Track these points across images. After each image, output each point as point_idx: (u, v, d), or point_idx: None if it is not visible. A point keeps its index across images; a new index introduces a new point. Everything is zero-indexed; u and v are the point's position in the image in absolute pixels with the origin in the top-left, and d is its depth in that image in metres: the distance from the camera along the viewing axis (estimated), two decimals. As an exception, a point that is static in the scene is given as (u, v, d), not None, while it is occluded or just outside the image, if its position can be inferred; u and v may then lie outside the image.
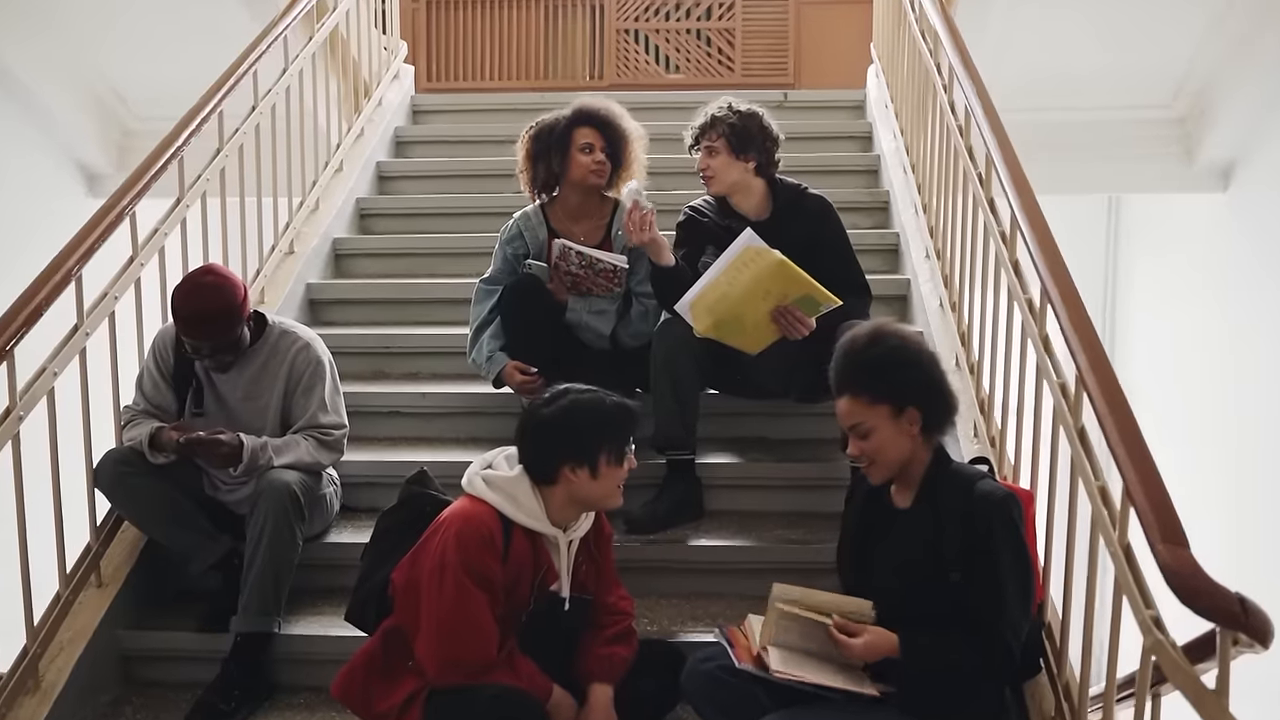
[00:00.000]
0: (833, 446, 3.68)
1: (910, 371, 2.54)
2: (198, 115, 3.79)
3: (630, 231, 3.40)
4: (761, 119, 3.59)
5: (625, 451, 2.62)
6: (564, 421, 2.58)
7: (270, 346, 3.29)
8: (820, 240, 3.56)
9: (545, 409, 2.61)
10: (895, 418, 2.53)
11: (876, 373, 2.53)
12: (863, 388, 2.54)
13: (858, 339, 2.60)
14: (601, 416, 2.60)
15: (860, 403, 2.54)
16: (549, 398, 2.64)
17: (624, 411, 2.63)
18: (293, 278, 4.48)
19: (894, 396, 2.53)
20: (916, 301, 4.33)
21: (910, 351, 2.57)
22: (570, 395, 2.62)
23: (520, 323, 3.60)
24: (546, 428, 2.59)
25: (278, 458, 3.17)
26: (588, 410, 2.60)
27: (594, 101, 3.72)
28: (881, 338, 2.58)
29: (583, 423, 2.58)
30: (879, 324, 2.64)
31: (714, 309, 3.26)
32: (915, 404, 2.53)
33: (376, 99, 5.64)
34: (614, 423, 2.61)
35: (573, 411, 2.59)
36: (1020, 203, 2.99)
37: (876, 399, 2.53)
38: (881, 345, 2.56)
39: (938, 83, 4.22)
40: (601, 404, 2.61)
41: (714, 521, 3.53)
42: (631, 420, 2.65)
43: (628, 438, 2.64)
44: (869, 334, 2.59)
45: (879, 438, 2.54)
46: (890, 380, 2.53)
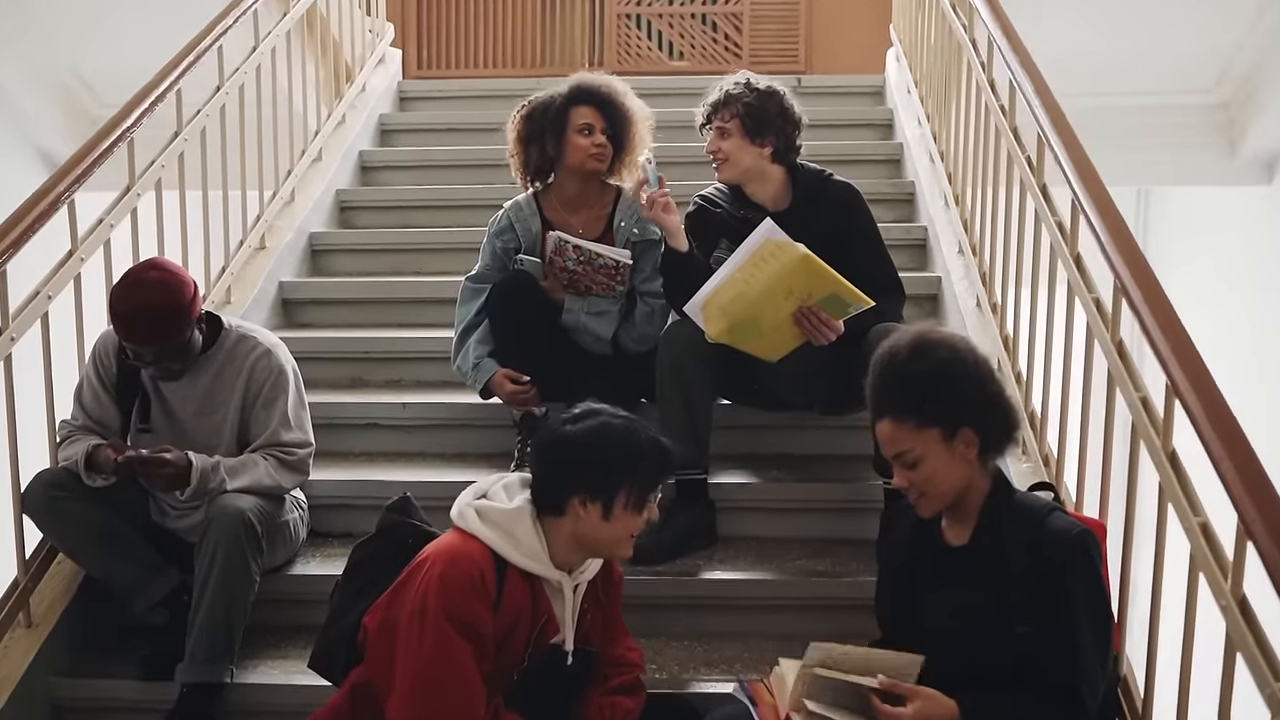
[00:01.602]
0: (862, 463, 3.29)
1: (963, 387, 2.16)
2: (151, 93, 3.41)
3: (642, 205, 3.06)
4: (782, 99, 3.20)
5: (649, 499, 2.24)
6: (588, 445, 2.21)
7: (226, 353, 2.91)
8: (847, 232, 3.17)
9: (570, 426, 2.25)
10: (947, 442, 2.15)
11: (924, 391, 2.15)
12: (908, 409, 2.15)
13: (898, 351, 2.21)
14: (632, 450, 2.22)
15: (906, 427, 2.16)
16: (577, 414, 2.27)
17: (658, 451, 2.26)
18: (263, 275, 4.11)
19: (946, 418, 2.15)
20: (949, 301, 3.95)
21: (963, 363, 2.18)
22: (601, 417, 2.25)
23: (511, 325, 3.22)
24: (567, 447, 2.23)
25: (232, 480, 2.78)
26: (618, 439, 2.22)
27: (593, 77, 3.33)
28: (927, 348, 2.19)
29: (609, 452, 2.21)
30: (922, 332, 2.24)
31: (728, 310, 2.87)
32: (971, 424, 2.15)
33: (360, 84, 5.28)
34: (644, 461, 2.23)
35: (601, 436, 2.22)
36: (1085, 188, 2.60)
37: (925, 422, 2.15)
38: (928, 358, 2.17)
39: (973, 59, 3.84)
40: (635, 435, 2.24)
41: (729, 550, 3.14)
42: (665, 463, 2.28)
43: (656, 483, 2.25)
44: (911, 344, 2.20)
45: (930, 466, 2.16)
46: (940, 399, 2.15)
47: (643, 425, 2.26)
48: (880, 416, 2.22)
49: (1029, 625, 2.09)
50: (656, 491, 2.26)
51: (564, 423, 2.24)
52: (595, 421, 2.23)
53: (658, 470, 2.25)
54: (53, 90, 5.73)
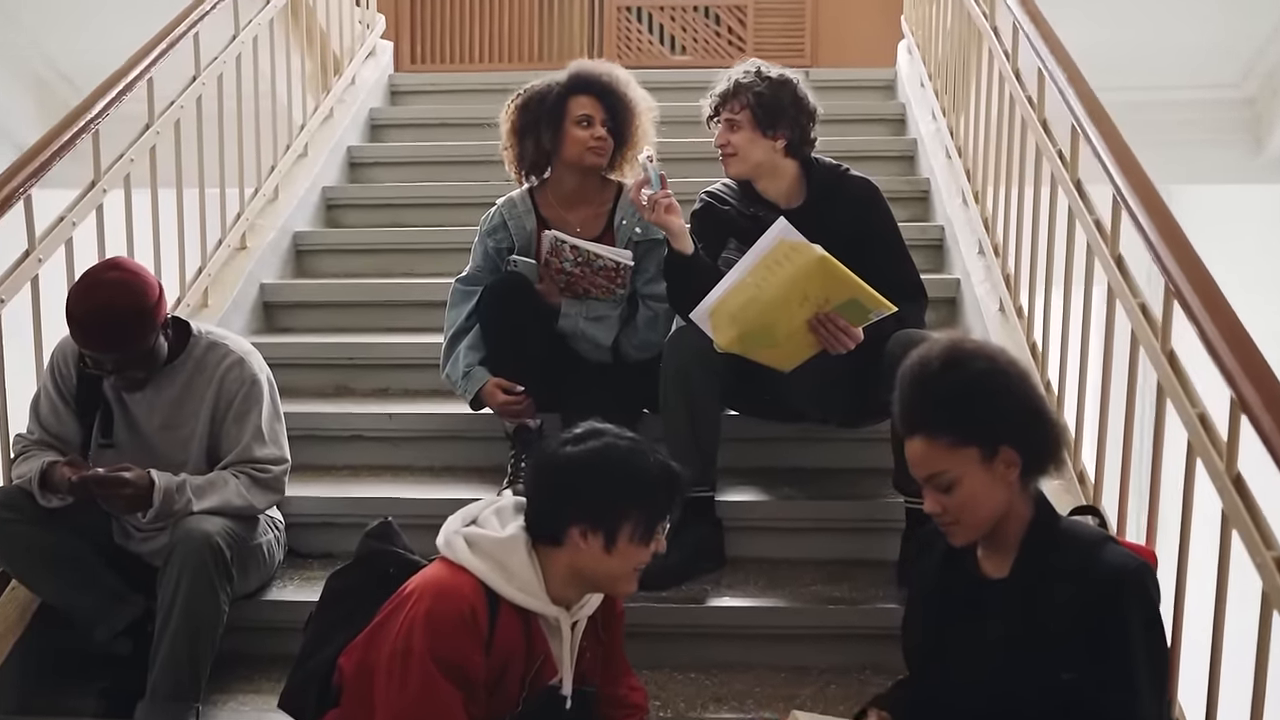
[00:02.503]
0: (880, 478, 3.08)
1: (1004, 401, 1.95)
2: (119, 82, 3.18)
3: (642, 208, 2.81)
4: (795, 88, 2.97)
5: (656, 530, 2.01)
6: (590, 469, 1.99)
7: (195, 362, 2.69)
8: (866, 232, 2.95)
9: (571, 447, 2.02)
10: (986, 462, 1.94)
11: (960, 406, 1.94)
12: (943, 426, 1.94)
13: (930, 361, 1.99)
14: (638, 476, 2.00)
15: (940, 446, 1.94)
16: (578, 434, 2.05)
17: (668, 477, 2.03)
18: (243, 277, 3.89)
19: (985, 435, 1.94)
20: (969, 304, 3.73)
21: (1003, 375, 1.97)
22: (606, 438, 2.03)
23: (503, 331, 3.00)
24: (566, 472, 2.01)
25: (199, 500, 2.57)
26: (623, 463, 2.00)
27: (593, 65, 3.11)
28: (962, 358, 1.97)
29: (614, 478, 1.99)
30: (955, 341, 2.03)
31: (739, 317, 2.65)
32: (1012, 443, 1.94)
33: (349, 77, 5.08)
34: (652, 488, 2.01)
35: (605, 459, 2.00)
36: (1128, 182, 2.39)
37: (961, 440, 1.93)
38: (964, 369, 1.96)
39: (995, 48, 3.62)
40: (643, 460, 2.01)
41: (738, 573, 2.92)
42: (675, 490, 2.05)
43: (665, 512, 2.03)
44: (945, 354, 1.98)
45: (966, 490, 1.95)
46: (979, 415, 1.94)
47: (651, 448, 2.04)
48: (911, 434, 2.00)
49: (1076, 670, 1.88)
50: (665, 522, 2.03)
51: (563, 444, 2.02)
52: (598, 443, 2.00)
53: (667, 498, 2.03)
54: (26, 81, 5.52)
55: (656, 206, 2.80)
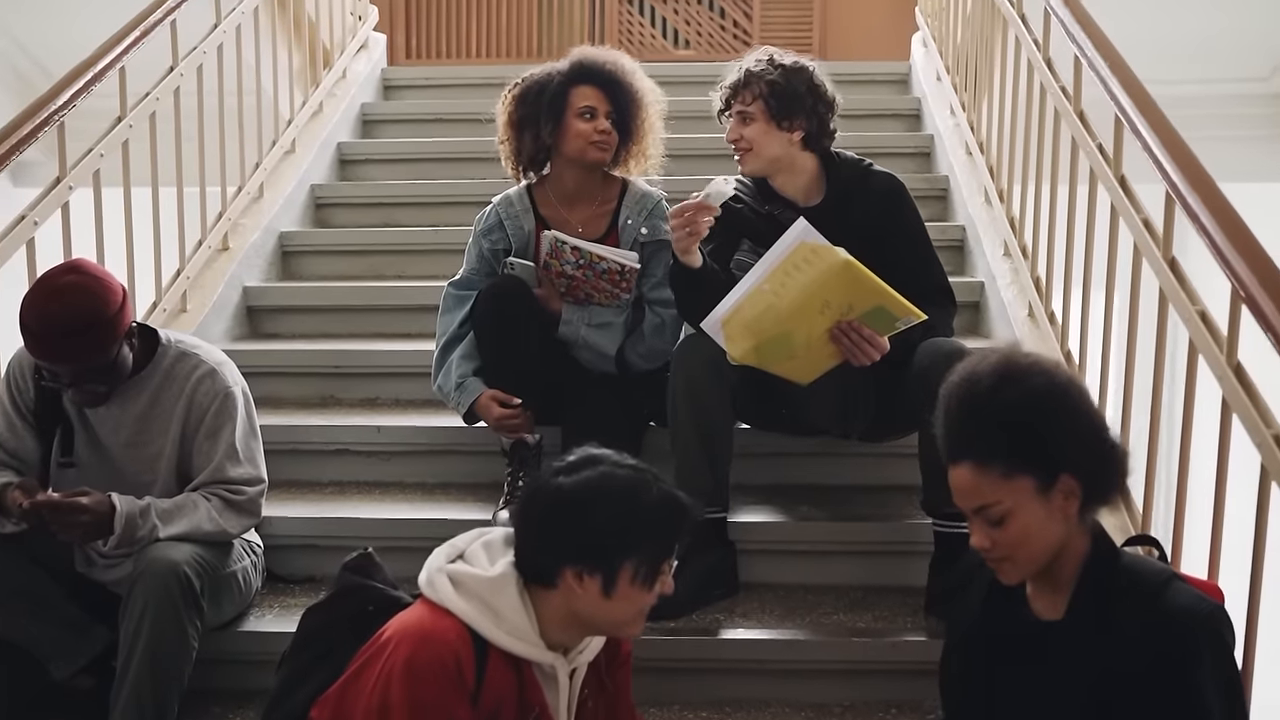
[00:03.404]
0: (902, 495, 2.91)
1: (1064, 424, 1.74)
2: (87, 71, 2.97)
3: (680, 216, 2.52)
4: (811, 75, 2.76)
5: (661, 570, 1.79)
6: (584, 504, 1.76)
7: (163, 373, 2.47)
8: (891, 232, 2.74)
9: (564, 478, 1.79)
10: (1043, 492, 1.73)
11: (1015, 430, 1.73)
12: (995, 452, 1.73)
13: (979, 378, 1.77)
14: (640, 511, 1.77)
15: (991, 475, 1.73)
16: (571, 463, 1.81)
17: (673, 511, 1.80)
18: (225, 279, 3.69)
19: (1042, 463, 1.73)
20: (994, 309, 3.53)
21: (1063, 394, 1.76)
22: (602, 467, 1.79)
23: (499, 339, 2.79)
24: (558, 506, 1.78)
25: (165, 526, 2.35)
26: (622, 496, 1.77)
27: (598, 53, 2.89)
28: (1017, 375, 1.76)
29: (611, 512, 1.76)
30: (1008, 355, 1.81)
31: (755, 327, 2.44)
32: (1073, 471, 1.72)
33: (339, 70, 4.88)
34: (655, 524, 1.78)
35: (601, 493, 1.77)
36: (1187, 181, 2.17)
37: (1016, 468, 1.72)
38: (1019, 387, 1.74)
39: (1023, 36, 3.41)
40: (644, 491, 1.78)
41: (752, 600, 2.71)
42: (681, 523, 1.82)
43: (670, 549, 1.80)
44: (997, 370, 1.77)
45: (1020, 523, 1.74)
46: (1036, 440, 1.73)
47: (654, 476, 1.81)
48: (957, 461, 1.78)
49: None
50: (671, 560, 1.81)
51: (555, 473, 1.79)
52: (593, 473, 1.77)
53: (673, 534, 1.80)
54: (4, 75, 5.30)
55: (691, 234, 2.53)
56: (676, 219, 2.54)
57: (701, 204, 2.52)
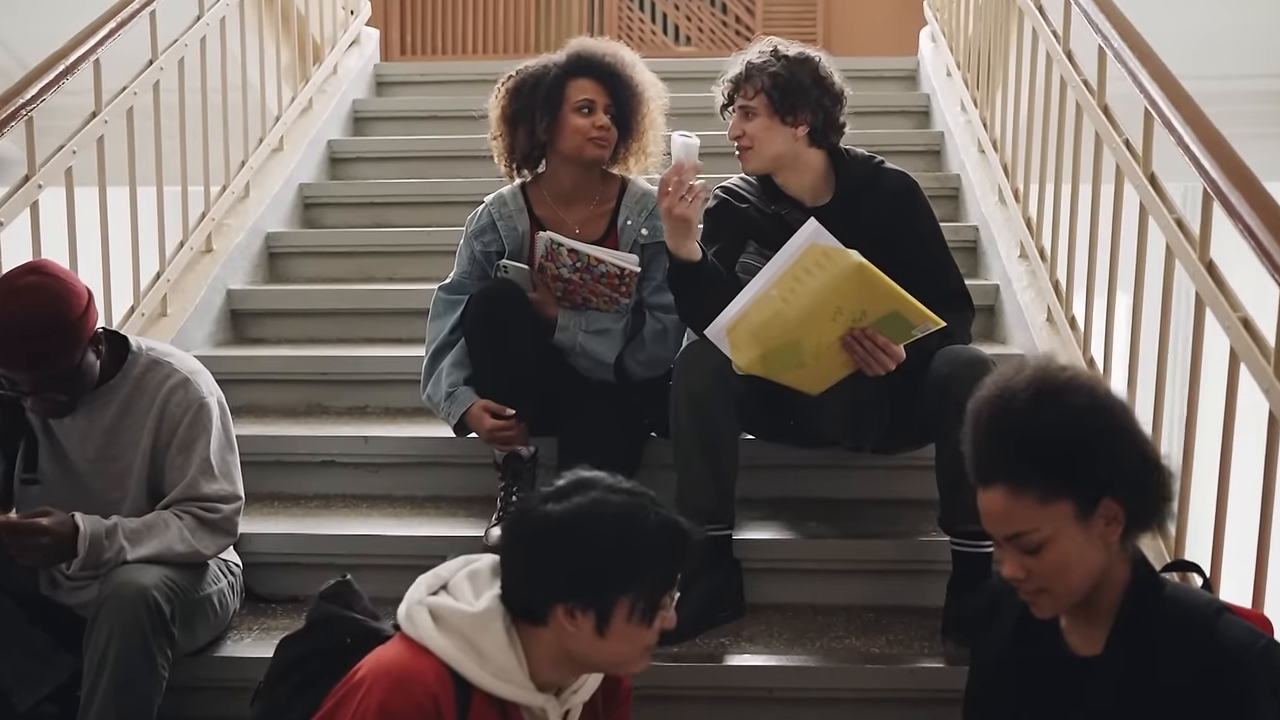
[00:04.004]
0: (915, 510, 2.77)
1: (1107, 445, 1.59)
2: (58, 64, 2.82)
3: (665, 192, 2.40)
4: (817, 66, 2.60)
5: (661, 604, 1.64)
6: (573, 533, 1.60)
7: (132, 383, 2.33)
8: (904, 232, 2.59)
9: (552, 505, 1.63)
10: (1083, 520, 1.59)
11: (1054, 452, 1.58)
12: (1031, 476, 1.59)
13: (1014, 394, 1.62)
14: (636, 542, 1.61)
15: (1026, 500, 1.59)
16: (562, 488, 1.65)
17: (671, 537, 1.64)
18: (208, 282, 3.55)
19: (1083, 487, 1.58)
20: (1010, 313, 3.39)
21: (1106, 412, 1.61)
22: (594, 493, 1.63)
23: (491, 346, 2.64)
24: (547, 536, 1.62)
25: (134, 547, 2.21)
26: (617, 525, 1.61)
27: (597, 45, 2.74)
28: (1057, 392, 1.61)
29: (604, 544, 1.60)
30: (1044, 368, 1.65)
31: (762, 334, 2.29)
32: (1115, 495, 1.58)
33: (330, 65, 4.73)
34: (653, 554, 1.62)
35: (592, 520, 1.61)
36: (1228, 179, 2.03)
37: (1054, 492, 1.58)
38: (1058, 405, 1.60)
39: (1040, 27, 3.26)
40: (641, 520, 1.62)
41: (759, 623, 2.57)
42: (682, 553, 1.66)
43: (670, 582, 1.65)
44: (1034, 385, 1.62)
45: (1057, 552, 1.60)
46: (1077, 463, 1.58)
47: (651, 501, 1.65)
48: (988, 484, 1.64)
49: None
50: (673, 593, 1.66)
51: (544, 499, 1.63)
52: (585, 499, 1.61)
53: (672, 566, 1.65)
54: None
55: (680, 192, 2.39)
56: (666, 198, 2.39)
57: (679, 166, 2.38)
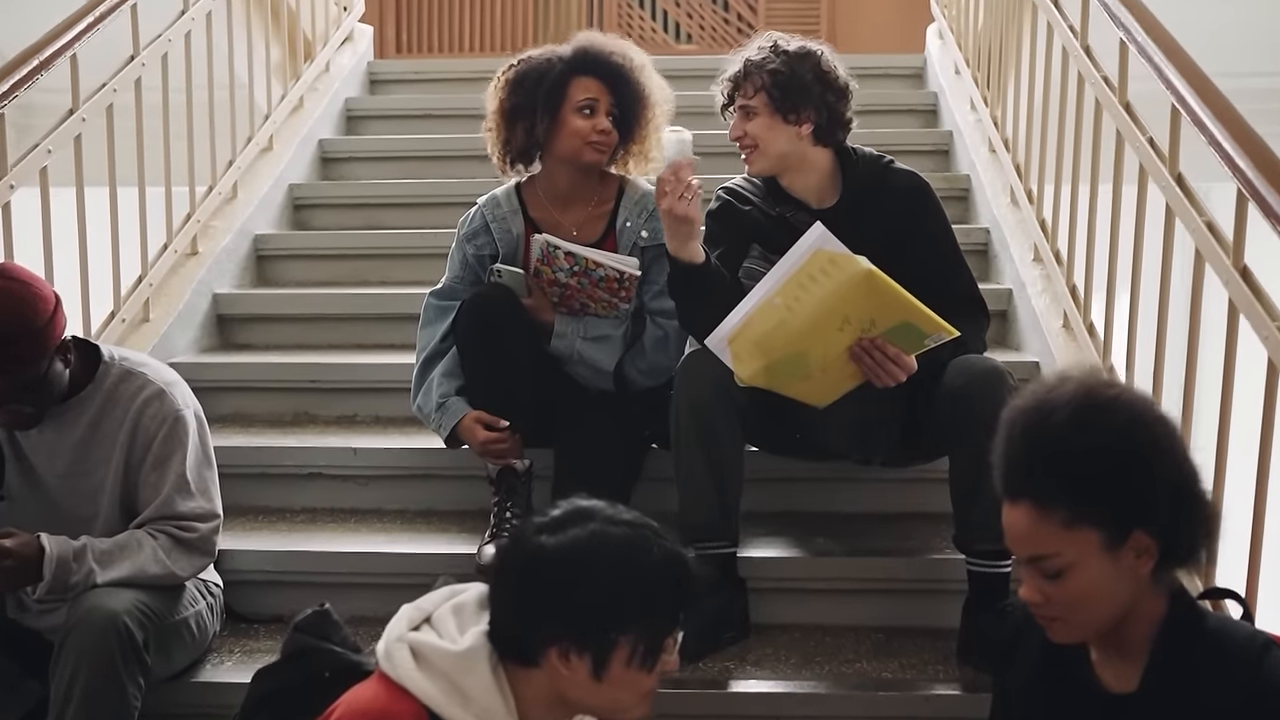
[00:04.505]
0: (933, 526, 2.66)
1: (1145, 473, 1.47)
2: (31, 59, 2.70)
3: (663, 192, 2.28)
4: (819, 61, 2.48)
5: (663, 648, 1.51)
6: (569, 569, 1.46)
7: (105, 394, 2.21)
8: (914, 236, 2.48)
9: (546, 537, 1.49)
10: (1111, 549, 1.47)
11: (1087, 475, 1.46)
12: (1058, 497, 1.47)
13: (1053, 409, 1.50)
14: (637, 579, 1.47)
15: (1051, 522, 1.47)
16: (557, 518, 1.51)
17: (675, 575, 1.50)
18: (192, 286, 3.43)
19: (1113, 516, 1.46)
20: (1024, 319, 3.27)
21: (1150, 437, 1.48)
22: (593, 524, 1.49)
23: (484, 354, 2.53)
24: (539, 572, 1.48)
25: (104, 569, 2.09)
26: (617, 560, 1.47)
27: (605, 41, 2.62)
28: (1100, 410, 1.49)
29: (602, 581, 1.46)
30: (1088, 385, 1.52)
31: (765, 345, 2.17)
32: (1149, 526, 1.46)
33: (322, 63, 4.60)
34: (655, 593, 1.48)
35: (590, 555, 1.47)
36: (1262, 175, 1.90)
37: (1081, 518, 1.47)
38: (1100, 427, 1.47)
39: (1057, 22, 3.14)
40: (642, 554, 1.48)
41: (765, 645, 2.45)
42: (688, 592, 1.52)
43: (674, 623, 1.52)
44: (1075, 402, 1.49)
45: (1079, 580, 1.48)
46: (1110, 490, 1.46)
47: (654, 532, 1.51)
48: (1014, 498, 1.52)
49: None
50: (676, 635, 1.53)
51: (537, 530, 1.50)
52: (583, 532, 1.47)
53: (677, 605, 1.52)
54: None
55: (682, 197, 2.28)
56: (665, 197, 2.27)
57: (675, 164, 2.26)
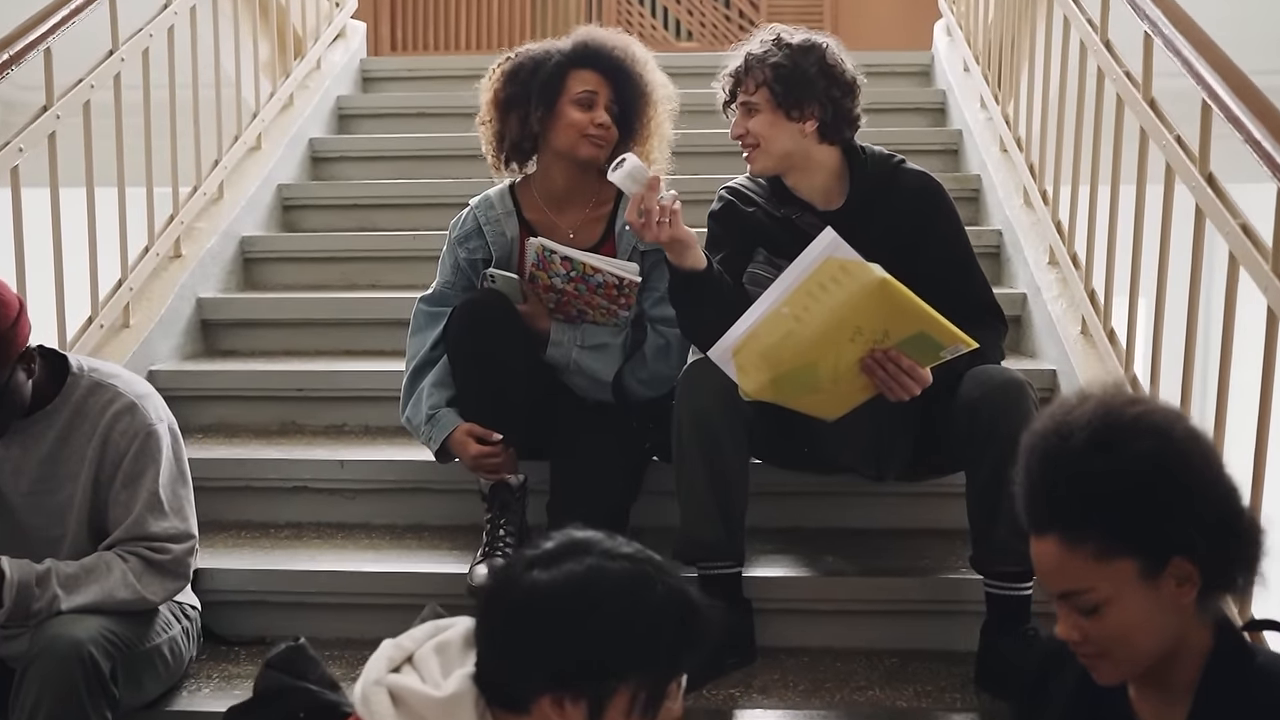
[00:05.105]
0: (948, 543, 2.56)
1: (1180, 495, 1.35)
2: (3, 51, 2.59)
3: (639, 227, 2.17)
4: (824, 54, 2.34)
5: (665, 694, 1.36)
6: (565, 610, 1.31)
7: (73, 408, 2.09)
8: (926, 238, 2.36)
9: (539, 572, 1.33)
10: (1150, 579, 1.35)
11: (1117, 502, 1.34)
12: (1088, 528, 1.35)
13: (1070, 431, 1.38)
14: (638, 617, 1.31)
15: (1082, 555, 1.36)
16: (551, 550, 1.34)
17: (680, 611, 1.34)
18: (175, 290, 3.31)
19: (1149, 544, 1.35)
20: (1039, 325, 3.15)
21: (1182, 455, 1.36)
22: (589, 559, 1.33)
23: (476, 363, 2.40)
24: (530, 615, 1.32)
25: (70, 595, 1.97)
26: (615, 599, 1.31)
27: (606, 35, 2.51)
28: (1122, 431, 1.37)
29: (601, 623, 1.30)
30: (1108, 403, 1.40)
31: (773, 357, 2.05)
32: (1189, 553, 1.34)
33: (313, 60, 4.49)
34: (658, 635, 1.32)
35: (586, 595, 1.31)
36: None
37: (1114, 548, 1.35)
38: (1124, 448, 1.35)
39: (1075, 17, 3.02)
40: (644, 591, 1.32)
41: (772, 670, 2.33)
42: (694, 632, 1.37)
43: (678, 666, 1.37)
44: (1094, 422, 1.37)
45: (1119, 615, 1.36)
46: (1143, 516, 1.34)
47: (657, 569, 1.35)
48: (1040, 532, 1.40)
49: None
50: (680, 679, 1.39)
51: (528, 565, 1.35)
52: (578, 568, 1.32)
53: (683, 647, 1.38)
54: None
55: (660, 223, 2.17)
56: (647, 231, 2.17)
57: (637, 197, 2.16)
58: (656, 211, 2.16)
